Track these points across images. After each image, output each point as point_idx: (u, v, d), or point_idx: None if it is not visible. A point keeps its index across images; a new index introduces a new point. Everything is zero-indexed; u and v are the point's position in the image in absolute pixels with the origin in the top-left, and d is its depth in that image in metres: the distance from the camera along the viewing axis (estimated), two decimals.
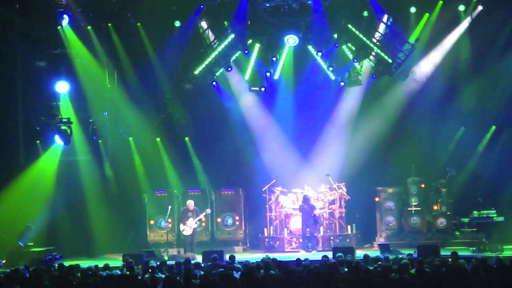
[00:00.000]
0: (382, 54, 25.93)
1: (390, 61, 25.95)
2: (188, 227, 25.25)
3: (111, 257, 24.84)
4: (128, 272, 16.32)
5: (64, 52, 26.25)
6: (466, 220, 26.37)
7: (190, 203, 25.61)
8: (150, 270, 16.60)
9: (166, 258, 23.81)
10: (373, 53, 26.17)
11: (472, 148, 27.65)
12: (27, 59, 26.22)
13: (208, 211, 26.04)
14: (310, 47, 26.50)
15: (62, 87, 25.65)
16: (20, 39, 26.08)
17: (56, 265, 18.82)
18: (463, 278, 14.11)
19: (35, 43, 25.94)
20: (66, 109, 25.89)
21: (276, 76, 26.97)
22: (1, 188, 25.72)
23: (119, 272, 16.40)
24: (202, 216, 25.55)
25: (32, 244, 25.48)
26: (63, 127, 24.44)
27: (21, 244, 25.11)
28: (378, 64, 26.46)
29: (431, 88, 27.52)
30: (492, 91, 27.10)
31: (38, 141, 25.88)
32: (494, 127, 27.53)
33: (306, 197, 26.08)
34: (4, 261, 23.86)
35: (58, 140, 24.66)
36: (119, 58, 27.69)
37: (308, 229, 25.87)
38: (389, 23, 26.25)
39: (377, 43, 25.98)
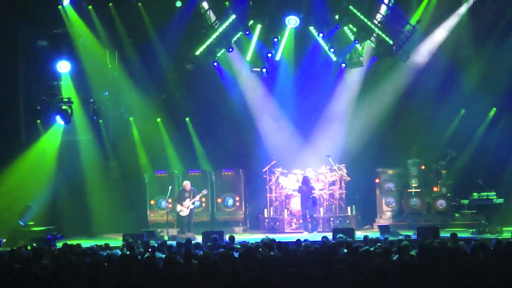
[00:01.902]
0: (383, 36, 25.89)
1: (391, 42, 25.91)
2: (185, 208, 25.29)
3: (111, 237, 24.89)
4: (128, 252, 16.36)
5: (65, 32, 26.25)
6: (466, 202, 26.34)
7: (187, 184, 25.63)
8: (150, 250, 16.64)
9: (166, 238, 23.87)
10: (374, 34, 26.12)
11: (473, 130, 27.66)
12: (28, 39, 26.20)
13: (205, 191, 26.02)
14: (311, 28, 26.47)
15: (63, 66, 25.73)
16: (21, 19, 26.06)
17: (58, 245, 18.88)
18: (462, 260, 14.14)
19: (36, 22, 25.91)
20: (67, 89, 25.96)
21: (277, 57, 26.95)
22: (2, 167, 25.78)
23: (119, 252, 16.45)
24: (198, 197, 25.58)
25: (33, 223, 25.55)
26: (64, 107, 24.48)
27: (22, 223, 25.18)
28: (380, 45, 26.43)
29: (432, 69, 27.44)
30: (493, 73, 27.02)
31: (38, 121, 25.93)
32: (494, 109, 27.55)
33: (306, 178, 26.07)
34: (4, 240, 23.93)
35: (59, 120, 24.70)
36: (120, 38, 27.64)
37: (307, 211, 25.86)
38: (390, 4, 26.21)
39: (379, 25, 25.93)
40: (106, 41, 27.43)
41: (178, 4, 26.98)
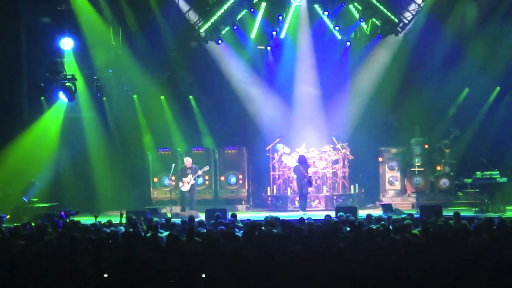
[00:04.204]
0: (389, 14, 25.82)
1: (396, 20, 25.85)
2: (186, 183, 25.33)
3: (114, 214, 24.91)
4: (131, 229, 16.39)
5: (69, 8, 26.16)
6: (469, 180, 26.32)
7: (188, 160, 25.66)
8: (153, 227, 16.66)
9: (169, 215, 23.88)
10: (379, 12, 26.01)
11: (476, 109, 27.62)
12: (31, 15, 26.13)
13: (207, 168, 26.04)
14: (316, 6, 26.34)
15: (66, 43, 25.66)
16: None
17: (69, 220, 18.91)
18: (465, 239, 14.17)
19: None
20: (71, 66, 25.87)
21: (282, 35, 26.86)
22: (6, 144, 25.80)
23: (123, 229, 16.48)
24: (200, 172, 25.60)
25: (36, 199, 25.60)
26: (67, 84, 24.44)
27: (25, 200, 25.22)
28: (385, 23, 26.34)
29: (437, 48, 27.37)
30: (497, 52, 26.94)
31: (42, 97, 25.93)
32: (498, 88, 27.51)
33: (302, 157, 25.88)
34: (8, 216, 23.98)
35: (62, 96, 24.68)
36: (124, 15, 27.50)
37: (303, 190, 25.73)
38: None
39: (384, 3, 25.82)
40: (110, 18, 27.32)
41: None
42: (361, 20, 26.33)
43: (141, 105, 28.62)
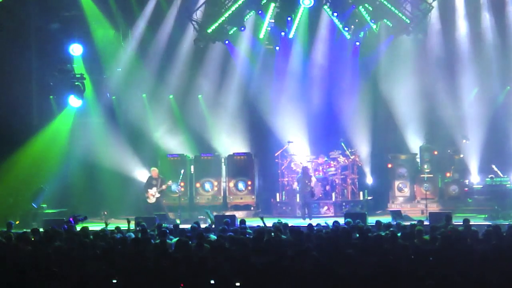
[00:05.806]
0: (400, 14, 25.72)
1: (408, 21, 25.75)
2: (151, 196, 25.38)
3: (122, 221, 24.85)
4: (140, 235, 16.39)
5: (78, 14, 26.23)
6: (479, 187, 26.28)
7: (154, 171, 25.77)
8: (162, 233, 16.65)
9: (178, 221, 23.86)
10: (390, 13, 25.91)
11: (486, 110, 27.44)
12: (40, 21, 26.20)
13: (170, 183, 25.99)
14: (326, 7, 26.26)
15: (75, 49, 25.72)
16: (33, 1, 26.09)
17: (80, 227, 18.89)
18: (474, 245, 14.13)
19: (48, 4, 25.91)
20: (80, 71, 25.91)
21: (291, 35, 26.83)
22: (15, 149, 25.83)
23: (132, 235, 16.48)
24: (164, 187, 25.65)
25: (45, 205, 25.59)
26: (76, 83, 24.57)
27: (34, 206, 25.22)
28: (396, 24, 26.22)
29: (446, 49, 27.32)
30: (507, 52, 26.85)
31: (51, 97, 26.03)
32: (508, 87, 27.43)
33: (305, 169, 25.87)
34: (17, 222, 23.98)
35: (71, 101, 24.78)
36: (133, 15, 27.52)
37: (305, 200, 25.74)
38: None
39: (395, 3, 25.74)
40: (118, 19, 27.30)
41: None
42: (373, 21, 26.21)
43: (150, 105, 28.52)
